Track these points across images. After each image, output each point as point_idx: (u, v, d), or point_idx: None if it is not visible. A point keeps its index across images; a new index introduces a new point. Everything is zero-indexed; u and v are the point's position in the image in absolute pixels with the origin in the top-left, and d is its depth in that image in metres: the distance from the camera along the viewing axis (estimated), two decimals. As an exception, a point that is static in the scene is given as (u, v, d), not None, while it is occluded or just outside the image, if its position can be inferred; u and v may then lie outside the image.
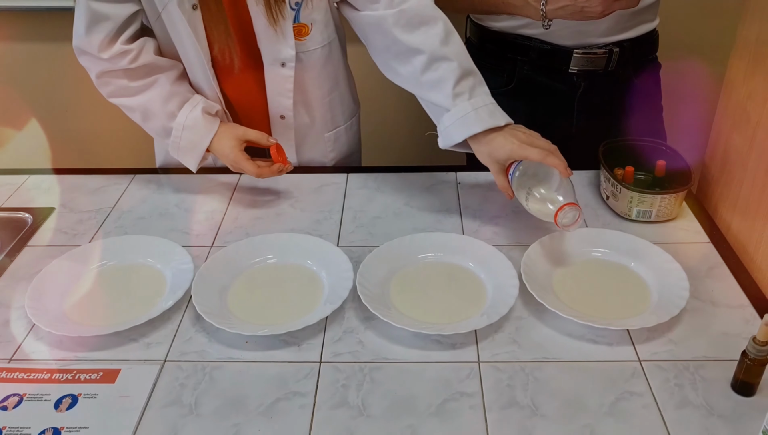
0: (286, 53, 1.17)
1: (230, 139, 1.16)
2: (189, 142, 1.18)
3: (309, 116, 1.28)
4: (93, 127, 2.05)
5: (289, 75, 1.19)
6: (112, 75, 1.15)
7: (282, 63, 1.18)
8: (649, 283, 0.97)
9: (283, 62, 1.18)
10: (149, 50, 1.15)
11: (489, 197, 1.19)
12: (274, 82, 1.20)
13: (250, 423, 0.78)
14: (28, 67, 1.96)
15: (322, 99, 1.28)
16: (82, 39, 1.11)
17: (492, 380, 0.83)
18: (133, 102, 1.17)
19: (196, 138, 1.17)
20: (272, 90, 1.21)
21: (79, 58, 1.15)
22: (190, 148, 1.18)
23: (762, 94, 1.03)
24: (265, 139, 1.16)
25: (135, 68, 1.14)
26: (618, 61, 1.26)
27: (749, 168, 1.06)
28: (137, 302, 0.96)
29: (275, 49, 1.16)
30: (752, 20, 1.06)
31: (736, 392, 0.81)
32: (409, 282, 0.99)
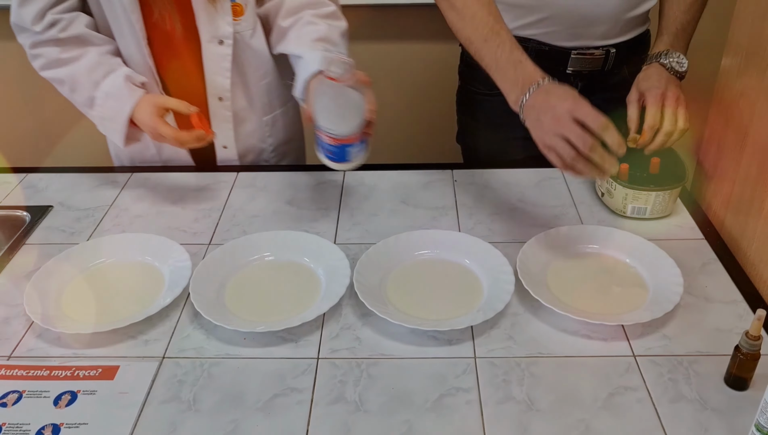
0: (224, 30, 1.18)
1: (149, 105, 1.14)
2: (111, 110, 1.16)
3: (247, 99, 1.29)
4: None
5: (227, 53, 1.20)
6: (43, 45, 1.15)
7: (220, 40, 1.19)
8: (644, 279, 0.98)
9: (221, 39, 1.19)
10: (81, 23, 1.16)
11: (485, 195, 1.20)
12: (211, 61, 1.21)
13: (249, 419, 0.79)
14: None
15: (258, 82, 1.29)
16: (15, 13, 1.12)
17: (488, 375, 0.83)
18: (62, 73, 1.17)
19: (117, 105, 1.15)
20: (210, 69, 1.22)
21: (18, 37, 1.16)
22: (113, 117, 1.16)
23: (754, 92, 1.04)
24: (186, 106, 1.13)
25: (65, 38, 1.14)
26: (614, 61, 1.27)
27: (742, 165, 1.07)
28: (135, 299, 0.96)
29: (213, 26, 1.17)
30: (744, 19, 1.07)
31: (730, 386, 0.81)
32: (406, 279, 0.99)
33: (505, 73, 1.00)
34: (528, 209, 1.16)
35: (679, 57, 1.16)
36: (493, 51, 1.00)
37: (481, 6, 1.03)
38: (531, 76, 0.97)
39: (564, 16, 1.20)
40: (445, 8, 1.08)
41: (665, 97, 1.10)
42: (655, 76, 1.14)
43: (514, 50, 1.00)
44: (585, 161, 0.89)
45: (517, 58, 0.99)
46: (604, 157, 0.89)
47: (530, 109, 0.95)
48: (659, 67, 1.16)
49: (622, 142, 0.89)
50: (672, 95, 1.11)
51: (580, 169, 0.90)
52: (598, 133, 0.88)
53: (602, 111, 1.29)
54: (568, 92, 0.93)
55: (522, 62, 0.99)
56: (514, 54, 0.99)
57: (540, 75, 0.97)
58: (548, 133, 0.91)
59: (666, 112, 1.09)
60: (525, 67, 0.98)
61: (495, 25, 1.02)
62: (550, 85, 0.95)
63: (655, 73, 1.15)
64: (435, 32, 1.98)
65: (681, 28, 1.20)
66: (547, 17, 1.21)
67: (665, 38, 1.20)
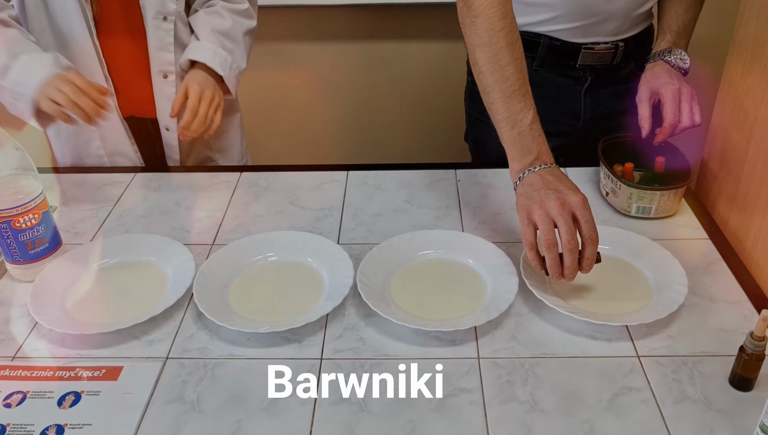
0: (169, 6, 1.23)
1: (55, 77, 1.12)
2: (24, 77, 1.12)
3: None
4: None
5: (170, 28, 1.25)
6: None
7: (164, 17, 1.23)
8: (648, 279, 0.98)
9: (165, 16, 1.23)
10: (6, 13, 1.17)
11: (488, 194, 1.20)
12: (156, 38, 1.25)
13: (252, 419, 0.79)
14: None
15: None
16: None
17: (492, 376, 0.83)
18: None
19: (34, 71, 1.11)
20: (154, 45, 1.25)
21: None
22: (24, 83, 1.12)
23: (759, 91, 1.04)
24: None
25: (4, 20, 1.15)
26: (622, 55, 1.27)
27: (747, 164, 1.06)
28: (139, 300, 0.96)
29: (160, 3, 1.22)
30: (749, 18, 1.07)
31: (734, 387, 0.81)
32: (409, 279, 0.99)
33: (520, 138, 0.97)
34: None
35: (682, 54, 1.18)
36: (515, 111, 0.98)
37: (513, 59, 0.98)
38: (546, 154, 0.97)
39: (576, 14, 1.20)
40: (474, 45, 1.01)
41: (681, 93, 1.12)
42: (665, 74, 1.16)
43: (536, 121, 0.98)
44: (556, 255, 0.89)
45: (537, 131, 0.97)
46: (575, 264, 0.89)
47: (534, 180, 0.94)
48: (665, 65, 1.17)
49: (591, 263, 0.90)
50: (687, 91, 1.13)
51: (548, 258, 0.89)
52: (585, 241, 0.89)
53: (611, 104, 1.31)
54: (578, 188, 0.92)
55: (541, 136, 0.98)
56: (535, 125, 0.97)
57: (552, 158, 0.97)
58: (543, 209, 0.90)
59: (683, 107, 1.11)
60: (543, 142, 0.97)
61: (523, 87, 0.99)
62: (560, 171, 0.95)
63: (664, 70, 1.16)
64: (438, 32, 1.98)
65: (683, 27, 1.21)
66: (560, 14, 1.21)
67: (668, 36, 1.21)
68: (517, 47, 1.00)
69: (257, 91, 2.14)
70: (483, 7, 0.98)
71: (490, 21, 0.98)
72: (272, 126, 2.21)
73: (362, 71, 2.08)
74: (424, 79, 2.10)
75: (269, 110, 2.18)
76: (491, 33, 0.99)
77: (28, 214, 0.96)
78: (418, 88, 2.12)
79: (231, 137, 1.46)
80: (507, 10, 1.00)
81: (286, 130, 2.24)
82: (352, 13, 1.98)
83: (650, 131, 1.15)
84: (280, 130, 2.22)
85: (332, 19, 2.01)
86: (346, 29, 2.00)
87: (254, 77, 2.04)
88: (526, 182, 0.95)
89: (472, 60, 1.03)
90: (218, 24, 1.28)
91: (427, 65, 2.07)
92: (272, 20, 1.99)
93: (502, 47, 0.98)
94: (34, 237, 0.98)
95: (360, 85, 2.15)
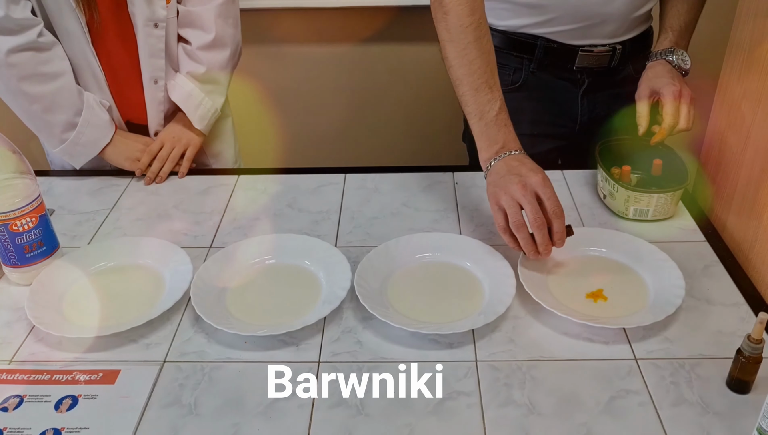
0: (160, 13, 1.24)
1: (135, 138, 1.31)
2: (89, 139, 1.25)
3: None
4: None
5: (161, 35, 1.26)
6: (23, 49, 1.14)
7: (155, 24, 1.24)
8: (646, 282, 0.98)
9: (156, 23, 1.24)
10: (45, 30, 1.18)
11: (486, 197, 1.20)
12: (147, 44, 1.25)
13: (250, 423, 0.79)
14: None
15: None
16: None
17: (489, 379, 0.83)
18: (44, 89, 1.19)
19: (97, 135, 1.26)
20: (145, 52, 1.26)
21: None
22: (87, 144, 1.26)
23: (756, 94, 1.04)
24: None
25: (42, 45, 1.16)
26: (620, 58, 1.27)
27: (744, 167, 1.07)
28: (136, 303, 0.96)
29: (149, 10, 1.22)
30: (746, 20, 1.07)
31: (732, 390, 0.81)
32: (407, 282, 0.99)
33: (487, 129, 1.02)
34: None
35: (683, 55, 1.19)
36: (482, 103, 1.02)
37: (481, 53, 1.03)
38: (512, 142, 1.01)
39: (573, 16, 1.20)
40: (444, 39, 1.06)
41: (681, 94, 1.13)
42: (667, 74, 1.17)
43: (502, 112, 1.02)
44: (526, 234, 0.94)
45: (503, 121, 1.02)
46: (546, 240, 0.94)
47: (500, 167, 0.99)
48: (666, 64, 1.18)
49: (562, 236, 0.94)
50: (687, 93, 1.14)
51: (520, 238, 0.95)
52: (551, 217, 0.93)
53: (608, 107, 1.31)
54: (540, 169, 0.97)
55: (507, 126, 1.02)
56: (501, 115, 1.02)
57: (518, 145, 1.02)
58: (507, 194, 0.95)
59: (682, 109, 1.12)
60: (509, 131, 1.02)
61: (490, 79, 1.03)
62: (524, 156, 1.00)
63: (665, 70, 1.17)
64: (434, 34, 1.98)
65: (684, 27, 1.22)
66: (557, 17, 1.21)
67: (669, 36, 1.22)
68: (485, 41, 1.04)
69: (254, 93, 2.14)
70: (452, 5, 1.03)
71: (459, 17, 1.03)
72: (269, 129, 2.21)
73: (359, 74, 2.08)
74: (421, 81, 2.10)
75: (266, 113, 2.18)
76: (460, 28, 1.03)
77: (25, 218, 0.96)
78: (415, 90, 2.12)
79: (224, 141, 1.48)
80: (475, 6, 1.03)
81: (283, 133, 2.24)
82: (348, 15, 1.98)
83: (647, 129, 1.15)
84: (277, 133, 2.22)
85: (329, 22, 2.01)
86: (342, 31, 2.00)
87: (251, 80, 2.05)
88: (493, 171, 1.00)
89: (443, 54, 1.07)
90: (193, 67, 1.32)
91: (424, 67, 2.07)
92: (268, 23, 1.99)
93: (470, 42, 1.03)
94: (31, 240, 0.98)
95: (357, 87, 2.15)
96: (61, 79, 1.20)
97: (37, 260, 1.00)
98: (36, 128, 1.25)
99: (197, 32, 1.30)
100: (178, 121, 1.35)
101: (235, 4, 1.34)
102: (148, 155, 1.29)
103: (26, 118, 1.23)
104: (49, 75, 1.18)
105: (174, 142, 1.32)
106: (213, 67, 1.32)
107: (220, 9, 1.29)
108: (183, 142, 1.33)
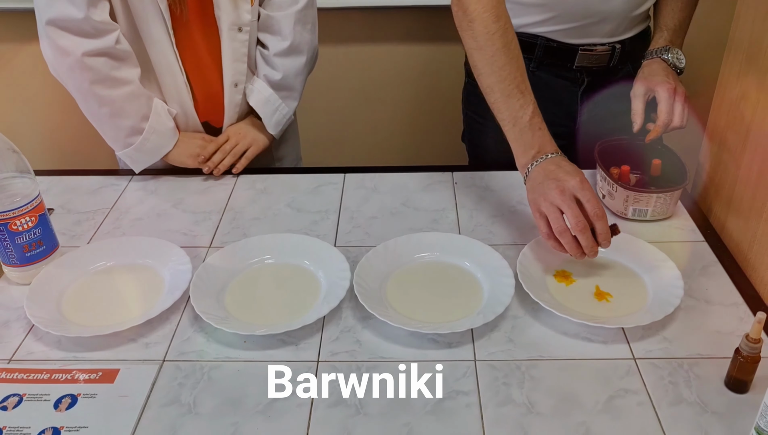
0: (245, 18, 1.23)
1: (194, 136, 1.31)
2: (153, 145, 1.26)
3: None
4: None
5: (245, 39, 1.26)
6: (97, 55, 1.14)
7: (239, 28, 1.23)
8: (644, 282, 0.98)
9: (240, 27, 1.23)
10: (123, 37, 1.18)
11: (485, 197, 1.20)
12: (231, 48, 1.25)
13: (249, 422, 0.79)
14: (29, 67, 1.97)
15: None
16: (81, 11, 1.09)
17: (488, 378, 0.83)
18: (114, 95, 1.19)
19: (161, 142, 1.26)
20: (229, 56, 1.26)
21: (57, 37, 1.12)
22: (151, 151, 1.26)
23: (755, 94, 1.04)
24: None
25: (117, 52, 1.16)
26: (619, 57, 1.27)
27: (743, 167, 1.07)
28: (136, 302, 0.96)
29: (234, 14, 1.22)
30: (745, 20, 1.07)
31: (730, 389, 0.81)
32: (406, 281, 0.99)
33: (522, 135, 1.01)
34: (528, 211, 1.15)
35: (678, 53, 1.19)
36: (515, 109, 1.01)
37: (510, 59, 1.02)
38: (548, 145, 1.00)
39: (573, 15, 1.21)
40: (471, 48, 1.05)
41: (676, 93, 1.13)
42: (662, 72, 1.17)
43: (536, 115, 1.01)
44: (570, 238, 0.94)
45: (537, 124, 1.01)
46: (590, 242, 0.93)
47: (537, 173, 0.98)
48: (662, 63, 1.18)
49: (606, 237, 0.94)
50: (681, 91, 1.14)
51: (564, 243, 0.94)
52: (592, 219, 0.93)
53: (608, 106, 1.31)
54: (577, 170, 0.96)
55: (542, 129, 1.01)
56: (535, 119, 1.01)
57: (554, 147, 1.00)
58: (547, 200, 0.95)
59: (676, 107, 1.13)
60: (544, 135, 1.01)
61: (521, 84, 1.02)
62: (561, 158, 0.99)
63: (661, 69, 1.18)
64: (434, 34, 1.98)
65: (678, 25, 1.22)
66: (557, 15, 1.21)
67: (665, 34, 1.22)
68: (512, 47, 1.03)
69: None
70: (477, 12, 1.02)
71: (485, 24, 1.02)
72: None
73: (359, 73, 2.09)
74: (421, 81, 2.10)
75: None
76: (487, 36, 1.02)
77: (25, 217, 0.96)
78: (414, 90, 2.12)
79: (290, 145, 1.49)
80: (500, 12, 1.02)
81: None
82: (349, 15, 1.98)
83: (641, 126, 1.15)
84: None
85: (329, 22, 2.01)
86: (342, 32, 2.00)
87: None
88: (531, 177, 0.99)
89: (471, 62, 1.06)
90: (270, 73, 1.31)
91: (424, 67, 2.07)
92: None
93: (498, 49, 1.02)
94: (30, 240, 0.98)
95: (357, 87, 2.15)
96: (132, 85, 1.20)
97: (37, 259, 1.00)
98: (102, 130, 1.25)
99: (275, 38, 1.29)
100: (250, 122, 1.35)
101: (314, 8, 1.33)
102: (215, 145, 1.29)
103: (94, 120, 1.23)
104: (120, 80, 1.18)
105: (239, 137, 1.31)
106: (289, 73, 1.32)
107: (299, 15, 1.28)
108: (248, 139, 1.32)
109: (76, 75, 1.16)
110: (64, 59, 1.14)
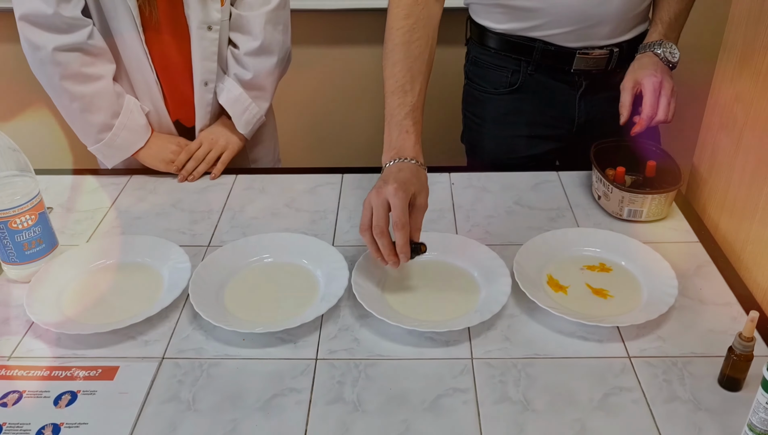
0: (214, 16, 1.24)
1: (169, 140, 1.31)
2: (123, 142, 1.27)
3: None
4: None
5: (215, 38, 1.26)
6: (69, 49, 1.15)
7: (209, 26, 1.24)
8: (639, 282, 0.99)
9: (210, 25, 1.24)
10: (97, 32, 1.19)
11: (482, 197, 1.21)
12: (200, 47, 1.26)
13: (248, 418, 0.79)
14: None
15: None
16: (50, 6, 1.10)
17: (485, 376, 0.84)
18: (84, 90, 1.19)
19: (132, 139, 1.27)
20: (198, 54, 1.26)
21: (28, 33, 1.14)
22: (121, 147, 1.27)
23: (749, 96, 1.05)
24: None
25: (90, 48, 1.17)
26: (617, 60, 1.28)
27: (736, 168, 1.08)
28: (135, 300, 0.97)
29: (203, 13, 1.22)
30: (739, 23, 1.08)
31: (723, 387, 0.82)
32: (404, 280, 1.00)
33: (390, 133, 1.02)
34: (525, 212, 1.17)
35: (672, 48, 1.19)
36: (392, 107, 1.03)
37: (404, 57, 1.04)
38: (408, 149, 0.99)
39: (568, 18, 1.21)
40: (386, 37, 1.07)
41: (662, 86, 1.14)
42: (651, 66, 1.17)
43: (408, 117, 1.02)
44: (370, 237, 0.93)
45: (407, 127, 1.01)
46: (387, 250, 0.92)
47: (385, 172, 0.98)
48: (653, 57, 1.19)
49: (406, 252, 0.92)
50: (668, 86, 1.14)
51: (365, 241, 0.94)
52: (394, 228, 0.91)
53: (605, 109, 1.32)
54: (409, 179, 0.94)
55: (408, 133, 1.01)
56: (406, 121, 1.01)
57: (414, 153, 0.99)
58: (368, 198, 0.94)
59: (661, 101, 1.13)
60: (409, 138, 1.01)
61: (407, 84, 1.03)
62: (412, 165, 0.97)
63: (650, 62, 1.18)
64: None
65: (674, 19, 1.23)
66: (552, 20, 1.22)
67: (659, 28, 1.23)
68: (413, 47, 1.04)
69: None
70: (392, 5, 1.06)
71: (394, 18, 1.06)
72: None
73: (358, 74, 2.09)
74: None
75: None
76: (392, 29, 1.06)
77: (24, 215, 0.96)
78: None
79: (266, 147, 1.49)
80: (412, 11, 1.05)
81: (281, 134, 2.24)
82: (348, 17, 1.99)
83: (628, 119, 1.16)
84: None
85: (328, 23, 2.02)
86: (342, 33, 2.01)
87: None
88: (382, 174, 0.99)
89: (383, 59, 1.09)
90: (240, 73, 1.32)
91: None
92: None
93: (396, 44, 1.05)
94: (30, 238, 0.98)
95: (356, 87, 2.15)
96: (103, 81, 1.21)
97: (36, 258, 1.00)
98: (73, 125, 1.26)
99: (245, 38, 1.29)
100: (221, 123, 1.36)
101: (286, 9, 1.33)
102: (186, 154, 1.29)
103: (65, 115, 1.24)
104: (91, 76, 1.19)
105: (211, 144, 1.32)
106: (259, 73, 1.32)
107: (270, 15, 1.28)
108: (220, 144, 1.32)
109: (47, 69, 1.17)
110: (35, 53, 1.16)
